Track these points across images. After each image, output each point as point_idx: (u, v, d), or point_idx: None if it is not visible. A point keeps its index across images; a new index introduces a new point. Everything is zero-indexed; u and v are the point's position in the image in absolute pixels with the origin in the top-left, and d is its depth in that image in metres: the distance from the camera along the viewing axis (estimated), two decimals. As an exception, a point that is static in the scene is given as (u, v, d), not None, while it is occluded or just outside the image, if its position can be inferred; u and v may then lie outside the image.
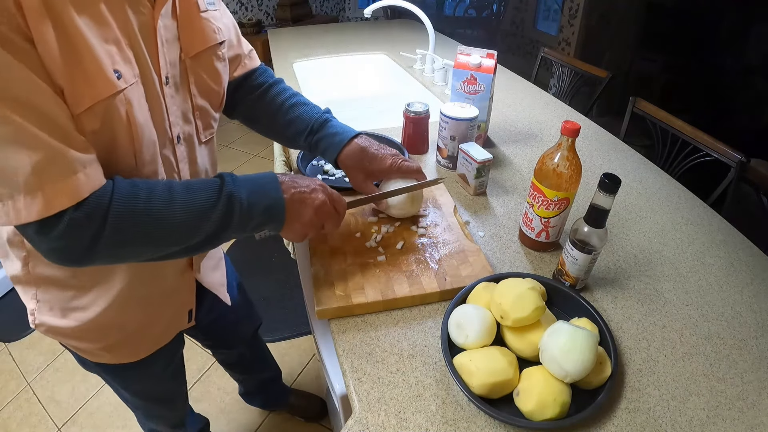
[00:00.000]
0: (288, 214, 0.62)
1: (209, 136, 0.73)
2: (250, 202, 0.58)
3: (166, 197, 0.53)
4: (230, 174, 0.59)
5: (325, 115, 0.83)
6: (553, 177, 0.72)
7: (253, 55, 0.86)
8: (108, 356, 0.76)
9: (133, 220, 0.51)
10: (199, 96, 0.67)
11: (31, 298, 0.67)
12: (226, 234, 0.58)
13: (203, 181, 0.58)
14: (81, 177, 0.48)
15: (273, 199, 0.60)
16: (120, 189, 0.51)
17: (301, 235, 0.65)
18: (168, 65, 0.60)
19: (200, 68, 0.66)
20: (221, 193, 0.56)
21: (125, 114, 0.53)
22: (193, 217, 0.55)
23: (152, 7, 0.56)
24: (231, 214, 0.57)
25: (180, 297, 0.80)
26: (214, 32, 0.68)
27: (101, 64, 0.48)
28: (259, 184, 0.60)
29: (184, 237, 0.55)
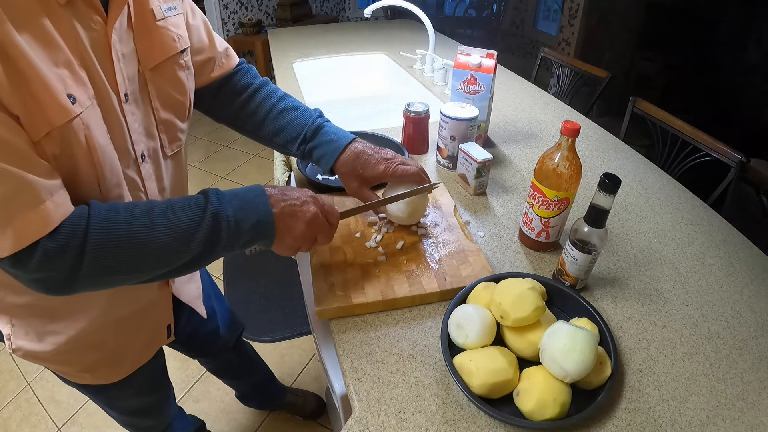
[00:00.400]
0: (278, 229, 0.59)
1: (176, 149, 0.69)
2: (237, 219, 0.55)
3: (146, 220, 0.51)
4: (215, 190, 0.56)
5: (318, 121, 0.79)
6: (553, 177, 0.72)
7: (231, 53, 0.81)
8: (88, 377, 0.75)
9: (114, 246, 0.49)
10: (163, 109, 0.64)
11: (6, 323, 0.66)
12: (214, 254, 0.55)
13: (186, 199, 0.55)
14: (49, 205, 0.46)
15: (262, 214, 0.57)
16: (97, 214, 0.49)
17: (293, 250, 0.62)
18: (126, 81, 0.57)
19: (161, 80, 0.63)
20: (206, 212, 0.53)
21: (84, 139, 0.50)
22: (178, 238, 0.52)
23: (104, 22, 0.52)
24: (218, 233, 0.54)
25: (157, 314, 0.79)
26: (174, 40, 0.64)
27: (52, 89, 0.45)
28: (246, 199, 0.57)
29: (170, 260, 0.53)
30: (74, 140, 0.49)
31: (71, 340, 0.68)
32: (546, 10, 3.98)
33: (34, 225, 0.45)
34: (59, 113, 0.46)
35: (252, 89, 0.81)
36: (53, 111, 0.46)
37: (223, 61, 0.79)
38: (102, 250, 0.48)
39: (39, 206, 0.45)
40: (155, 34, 0.61)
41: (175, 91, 0.66)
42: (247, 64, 0.85)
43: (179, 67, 0.66)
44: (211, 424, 1.45)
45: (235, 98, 0.81)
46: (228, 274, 2.05)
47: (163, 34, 0.62)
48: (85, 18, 0.50)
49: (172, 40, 0.64)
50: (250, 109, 0.80)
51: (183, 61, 0.67)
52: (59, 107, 0.46)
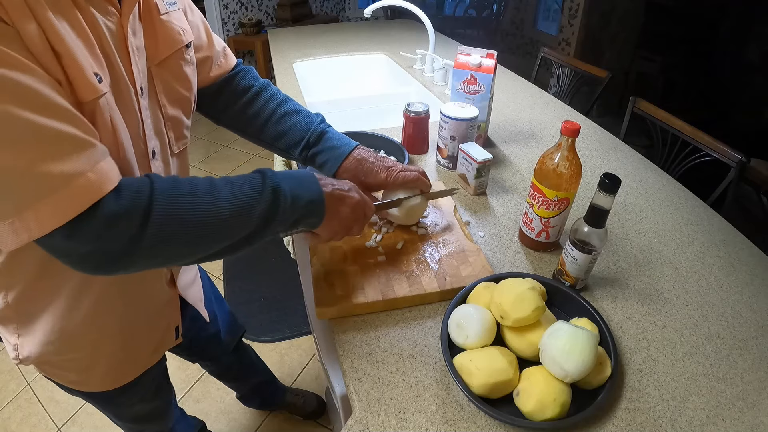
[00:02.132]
0: (327, 210, 0.61)
1: (182, 147, 0.69)
2: (293, 196, 0.56)
3: (209, 191, 0.51)
4: (270, 169, 0.58)
5: (321, 126, 0.79)
6: (553, 177, 0.72)
7: (229, 52, 0.81)
8: (97, 383, 0.74)
9: (178, 215, 0.48)
10: (170, 105, 0.64)
11: (12, 332, 0.65)
12: (270, 228, 0.56)
13: (243, 176, 0.56)
14: (104, 165, 0.45)
15: (315, 194, 0.59)
16: (160, 182, 0.49)
17: (334, 234, 0.64)
18: (141, 75, 0.57)
19: (168, 75, 0.63)
20: (265, 186, 0.54)
21: (109, 119, 0.50)
22: (240, 211, 0.52)
23: (119, 14, 0.53)
24: (276, 207, 0.55)
25: (167, 315, 0.79)
26: (179, 34, 0.64)
27: (81, 66, 0.46)
28: (299, 178, 0.59)
29: (230, 233, 0.53)
30: (100, 120, 0.49)
31: (81, 346, 0.68)
32: (546, 10, 3.98)
33: (94, 184, 0.43)
34: (88, 89, 0.47)
35: (253, 92, 0.81)
36: (83, 87, 0.46)
37: (222, 60, 0.79)
38: (166, 218, 0.47)
39: (96, 166, 0.44)
40: (160, 29, 0.61)
41: (181, 87, 0.66)
42: (245, 65, 0.85)
43: (185, 62, 0.66)
44: (211, 424, 1.45)
45: (236, 101, 0.80)
46: (228, 274, 2.05)
47: (168, 28, 0.62)
48: (102, 9, 0.51)
49: (177, 34, 0.64)
50: (252, 112, 0.80)
51: (188, 56, 0.67)
52: (87, 84, 0.47)
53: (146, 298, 0.72)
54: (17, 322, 0.64)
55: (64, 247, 0.45)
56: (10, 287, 0.60)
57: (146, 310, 0.73)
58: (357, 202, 0.64)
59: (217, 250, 0.54)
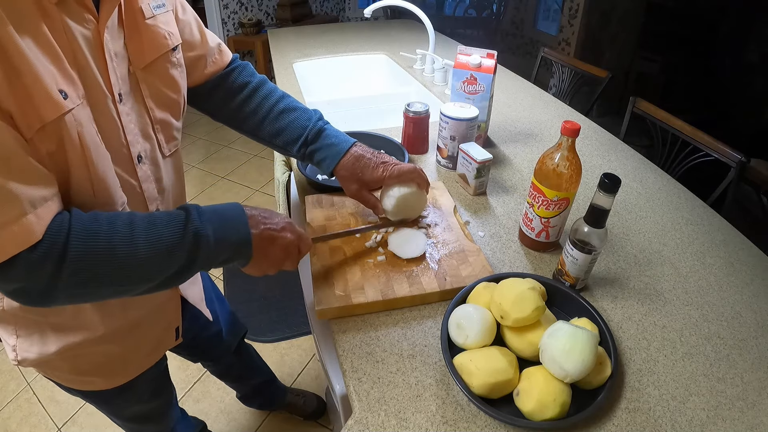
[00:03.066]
0: (255, 251, 0.59)
1: (173, 149, 0.69)
2: (217, 239, 0.54)
3: (127, 233, 0.50)
4: (195, 206, 0.56)
5: (319, 123, 0.79)
6: (553, 177, 0.72)
7: (224, 48, 0.80)
8: (96, 382, 0.74)
9: (93, 259, 0.48)
10: (157, 108, 0.63)
11: (11, 333, 0.65)
12: (191, 271, 0.55)
13: (166, 215, 0.54)
14: (32, 218, 0.45)
15: (242, 235, 0.57)
16: (78, 225, 0.48)
17: (264, 271, 0.63)
18: (119, 81, 0.56)
19: (154, 79, 0.62)
20: (186, 230, 0.53)
21: (77, 136, 0.49)
22: (158, 254, 0.51)
23: (96, 21, 0.52)
24: (197, 251, 0.53)
25: (167, 316, 0.79)
26: (165, 38, 0.63)
27: (44, 83, 0.45)
28: (225, 218, 0.57)
29: (147, 276, 0.52)
30: (66, 137, 0.48)
31: (80, 346, 0.67)
32: (546, 10, 3.97)
33: (15, 238, 0.44)
34: (51, 107, 0.46)
35: (250, 88, 0.80)
36: (45, 105, 0.45)
37: (216, 57, 0.79)
38: (81, 262, 0.47)
39: (21, 219, 0.44)
40: (145, 33, 0.60)
41: (169, 90, 0.65)
42: (242, 60, 0.84)
43: (171, 65, 0.65)
44: (211, 424, 1.45)
45: (232, 97, 0.80)
46: (228, 274, 2.05)
47: (154, 33, 0.62)
48: (77, 17, 0.50)
49: (163, 38, 0.63)
50: (249, 108, 0.80)
51: (175, 58, 0.66)
52: (51, 101, 0.46)
53: (146, 298, 0.72)
54: (15, 323, 0.64)
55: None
56: None
57: (146, 310, 0.73)
58: (289, 242, 0.62)
59: (140, 290, 0.53)
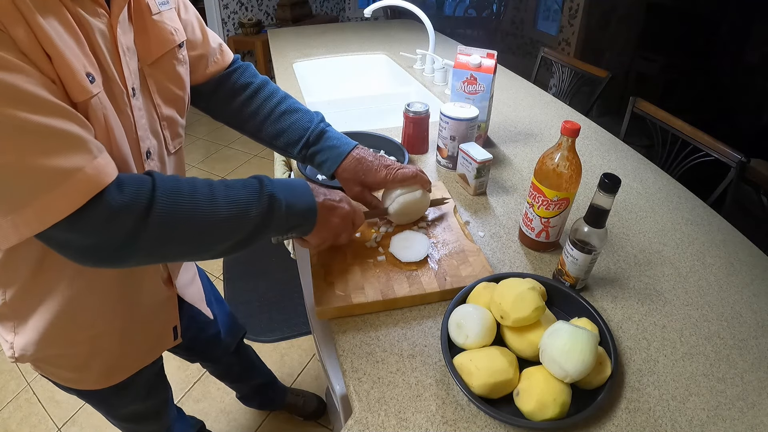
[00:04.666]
0: (319, 219, 0.63)
1: (178, 146, 0.70)
2: (288, 204, 0.58)
3: (207, 193, 0.52)
4: (266, 176, 0.59)
5: (321, 125, 0.79)
6: (553, 177, 0.72)
7: (225, 49, 0.81)
8: (92, 381, 0.74)
9: (177, 214, 0.49)
10: (164, 105, 0.64)
11: (9, 330, 0.65)
12: (265, 233, 0.58)
13: (242, 180, 0.57)
14: (101, 161, 0.46)
15: (308, 203, 0.61)
16: (162, 180, 0.50)
17: (323, 241, 0.66)
18: (132, 76, 0.57)
19: (161, 75, 0.63)
20: (262, 193, 0.56)
21: (103, 119, 0.51)
22: (236, 214, 0.54)
23: (108, 15, 0.53)
24: (271, 214, 0.56)
25: (164, 315, 0.79)
26: (171, 34, 0.64)
27: (73, 67, 0.46)
28: (294, 187, 0.61)
29: (225, 235, 0.54)
30: (94, 119, 0.49)
31: (78, 343, 0.67)
32: (546, 10, 3.98)
33: (92, 178, 0.44)
34: (80, 90, 0.47)
35: (252, 89, 0.81)
36: (75, 87, 0.47)
37: (218, 57, 0.79)
38: (166, 216, 0.48)
39: (93, 161, 0.45)
40: (152, 29, 0.61)
41: (175, 86, 0.66)
42: (243, 61, 0.84)
43: (178, 61, 0.66)
44: (211, 424, 1.45)
45: (234, 97, 0.80)
46: (228, 274, 2.05)
47: (160, 28, 0.62)
48: (90, 11, 0.51)
49: (170, 34, 0.64)
50: (251, 109, 0.80)
51: (181, 55, 0.67)
52: (79, 84, 0.47)
53: (143, 297, 0.72)
54: (14, 319, 0.64)
55: (64, 240, 0.46)
56: (8, 285, 0.60)
57: (142, 309, 0.73)
58: (347, 212, 0.67)
59: (212, 251, 0.55)
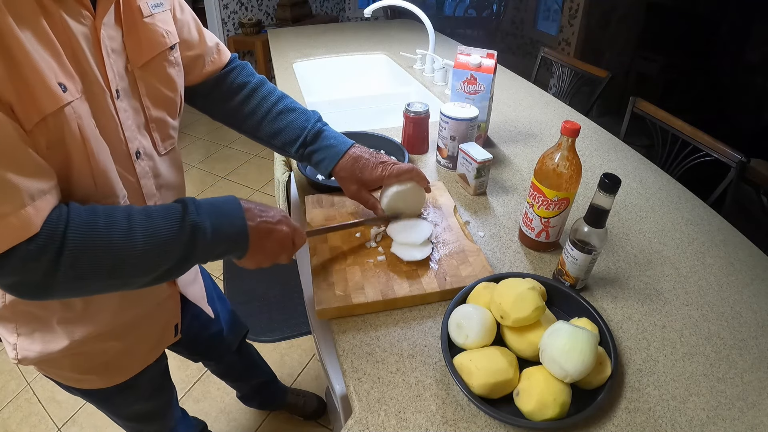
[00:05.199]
0: (252, 244, 0.59)
1: (169, 147, 0.69)
2: (214, 231, 0.55)
3: (125, 226, 0.50)
4: (192, 199, 0.56)
5: (317, 125, 0.79)
6: (553, 177, 0.72)
7: (222, 48, 0.81)
8: (96, 380, 0.74)
9: (91, 251, 0.48)
10: (154, 107, 0.64)
11: (12, 331, 0.65)
12: (188, 264, 0.55)
13: (164, 208, 0.54)
14: (30, 210, 0.44)
15: (238, 227, 0.58)
16: (75, 217, 0.48)
17: (258, 264, 0.63)
18: (117, 77, 0.57)
19: (152, 77, 0.63)
20: (184, 222, 0.53)
21: (77, 129, 0.50)
22: (155, 247, 0.51)
23: (93, 17, 0.52)
24: (194, 243, 0.53)
25: (167, 313, 0.79)
26: (163, 37, 0.63)
27: (43, 76, 0.45)
28: (222, 211, 0.57)
29: (145, 268, 0.52)
30: (67, 130, 0.48)
31: (81, 344, 0.67)
32: (546, 10, 3.97)
33: (13, 230, 0.44)
34: (50, 100, 0.46)
35: (249, 88, 0.81)
36: (45, 97, 0.46)
37: (215, 56, 0.79)
38: (79, 255, 0.47)
39: (19, 211, 0.44)
40: (143, 31, 0.61)
41: (166, 89, 0.65)
42: (240, 60, 0.84)
43: (169, 64, 0.66)
44: (212, 424, 1.45)
45: (231, 97, 0.80)
46: (228, 273, 2.05)
47: (151, 31, 0.62)
48: (73, 13, 0.50)
49: (161, 37, 0.63)
50: (248, 109, 0.80)
51: (172, 57, 0.66)
52: (50, 93, 0.46)
53: (145, 295, 0.72)
54: (16, 321, 0.64)
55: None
56: None
57: (145, 307, 0.73)
58: (285, 234, 0.63)
59: (136, 283, 0.53)
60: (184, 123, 3.11)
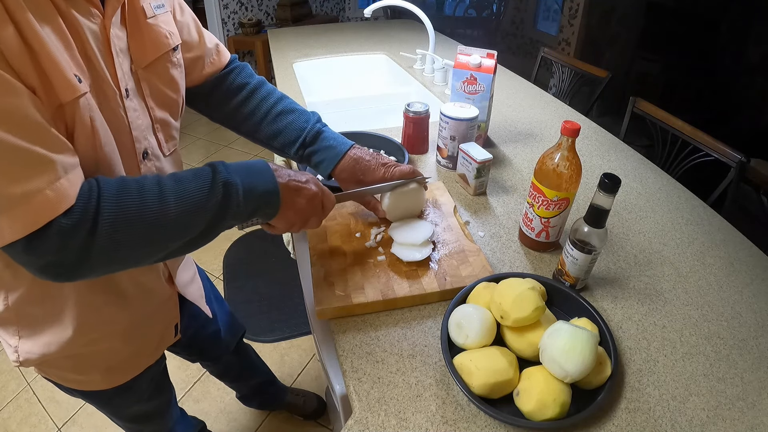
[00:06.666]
0: (283, 201, 0.60)
1: (172, 149, 0.70)
2: (246, 188, 0.56)
3: (156, 191, 0.50)
4: (221, 162, 0.57)
5: (317, 125, 0.79)
6: (553, 177, 0.72)
7: (222, 49, 0.81)
8: (97, 382, 0.74)
9: (126, 220, 0.48)
10: (158, 108, 0.64)
11: (13, 334, 0.65)
12: (225, 222, 0.56)
13: (193, 171, 0.55)
14: (64, 183, 0.45)
15: (269, 184, 0.58)
16: (107, 188, 0.48)
17: (290, 225, 0.63)
18: (125, 77, 0.57)
19: (155, 78, 0.63)
20: (215, 181, 0.53)
21: (89, 120, 0.50)
22: (189, 209, 0.51)
23: (102, 16, 0.53)
24: (228, 201, 0.54)
25: (167, 313, 0.79)
26: (166, 37, 0.64)
27: (61, 66, 0.46)
28: (252, 169, 0.58)
29: (182, 232, 0.52)
30: (79, 120, 0.49)
31: (83, 345, 0.67)
32: (546, 10, 3.97)
33: (50, 204, 0.43)
34: (67, 89, 0.47)
35: (248, 90, 0.81)
36: (62, 86, 0.46)
37: (214, 57, 0.79)
38: (114, 224, 0.47)
39: (54, 184, 0.44)
40: (146, 32, 0.61)
41: (169, 89, 0.66)
42: (240, 61, 0.84)
43: (172, 65, 0.66)
44: (211, 423, 1.45)
45: (230, 98, 0.80)
46: (228, 274, 2.05)
47: (155, 32, 0.62)
48: (84, 12, 0.51)
49: (164, 38, 0.64)
50: (247, 110, 0.80)
51: (175, 58, 0.67)
52: (67, 83, 0.47)
53: (146, 297, 0.72)
54: (17, 324, 0.64)
55: (24, 259, 0.46)
56: (11, 289, 0.60)
57: (146, 308, 0.73)
58: (314, 193, 0.64)
59: (172, 249, 0.53)
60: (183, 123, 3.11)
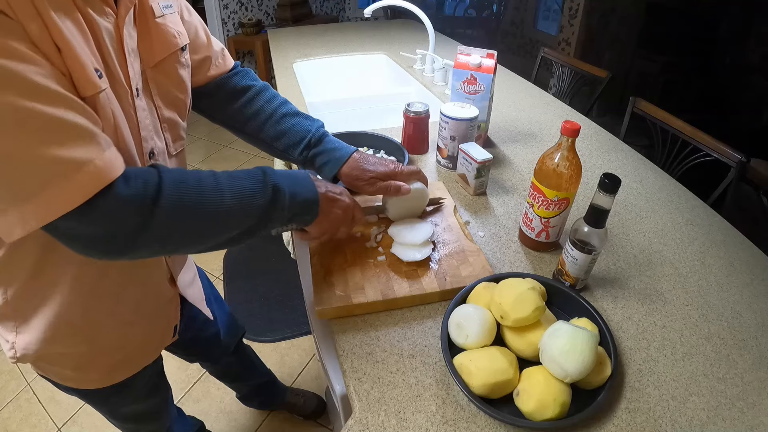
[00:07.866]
0: (321, 210, 0.64)
1: (179, 149, 0.70)
2: (291, 194, 0.59)
3: (213, 183, 0.53)
4: (269, 167, 0.60)
5: (321, 130, 0.81)
6: (553, 177, 0.72)
7: (227, 54, 0.82)
8: (96, 380, 0.74)
9: (183, 206, 0.50)
10: (165, 107, 0.65)
11: (11, 330, 0.65)
12: (269, 224, 0.59)
13: (245, 171, 0.58)
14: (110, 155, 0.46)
15: (310, 193, 0.62)
16: (167, 173, 0.50)
17: (323, 233, 0.67)
18: (136, 76, 0.58)
19: (163, 77, 0.64)
20: (266, 183, 0.57)
21: (111, 114, 0.51)
22: (242, 203, 0.54)
23: (115, 15, 0.54)
24: (275, 204, 0.57)
25: (167, 314, 0.80)
26: (174, 37, 0.65)
27: (83, 62, 0.47)
28: (296, 178, 0.62)
29: (231, 225, 0.55)
30: (102, 114, 0.50)
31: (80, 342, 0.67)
32: (546, 10, 3.97)
33: (102, 170, 0.45)
34: (89, 84, 0.48)
35: (254, 91, 0.81)
36: (84, 82, 0.48)
37: (220, 61, 0.80)
38: (173, 207, 0.49)
39: (102, 153, 0.46)
40: (155, 32, 0.61)
41: (177, 89, 0.66)
42: (243, 62, 0.85)
43: (180, 65, 0.66)
44: (211, 424, 1.45)
45: (235, 99, 0.81)
46: (228, 274, 2.05)
47: (163, 32, 0.63)
48: (98, 10, 0.51)
49: (173, 37, 0.64)
50: (252, 111, 0.81)
51: (183, 59, 0.67)
52: (88, 79, 0.48)
53: (148, 297, 0.72)
54: (15, 319, 0.64)
55: (72, 232, 0.46)
56: (9, 283, 0.60)
57: (147, 309, 0.73)
58: (347, 205, 0.68)
59: (217, 240, 0.55)
60: (184, 123, 3.10)
